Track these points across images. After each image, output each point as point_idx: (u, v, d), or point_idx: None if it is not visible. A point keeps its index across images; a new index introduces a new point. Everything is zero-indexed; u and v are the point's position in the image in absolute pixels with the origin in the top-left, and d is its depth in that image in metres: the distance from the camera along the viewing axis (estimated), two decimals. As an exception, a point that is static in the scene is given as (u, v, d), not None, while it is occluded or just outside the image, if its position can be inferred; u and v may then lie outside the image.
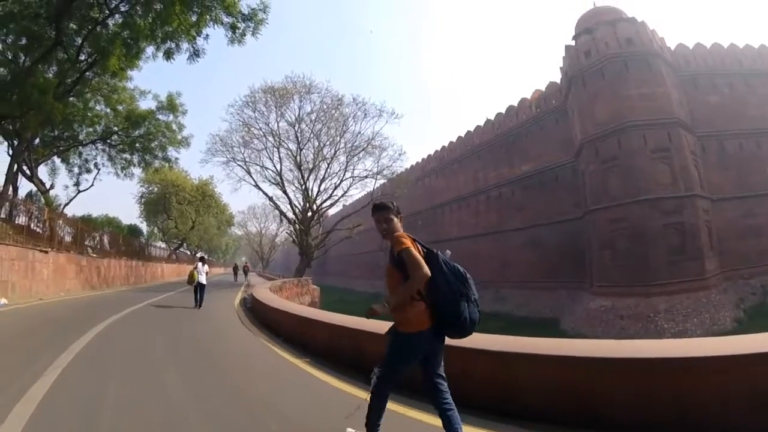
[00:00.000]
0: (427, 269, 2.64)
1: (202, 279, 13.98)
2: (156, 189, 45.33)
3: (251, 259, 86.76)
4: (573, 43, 34.33)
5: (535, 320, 32.00)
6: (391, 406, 3.13)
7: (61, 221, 20.74)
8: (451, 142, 53.51)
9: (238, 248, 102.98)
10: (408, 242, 2.73)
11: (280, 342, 7.78)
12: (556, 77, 39.15)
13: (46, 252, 16.44)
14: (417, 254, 2.69)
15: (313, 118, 33.14)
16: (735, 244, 29.54)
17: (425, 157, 58.25)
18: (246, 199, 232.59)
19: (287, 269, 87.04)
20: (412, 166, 39.78)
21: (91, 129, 26.79)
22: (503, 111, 45.27)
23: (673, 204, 27.65)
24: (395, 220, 2.94)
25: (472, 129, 50.03)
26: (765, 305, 27.64)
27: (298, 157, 33.45)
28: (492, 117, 47.03)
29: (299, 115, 33.06)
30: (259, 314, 11.54)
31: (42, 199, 25.10)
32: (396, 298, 2.73)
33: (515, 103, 43.92)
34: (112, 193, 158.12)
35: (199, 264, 14.36)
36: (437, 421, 2.84)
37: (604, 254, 29.31)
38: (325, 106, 32.93)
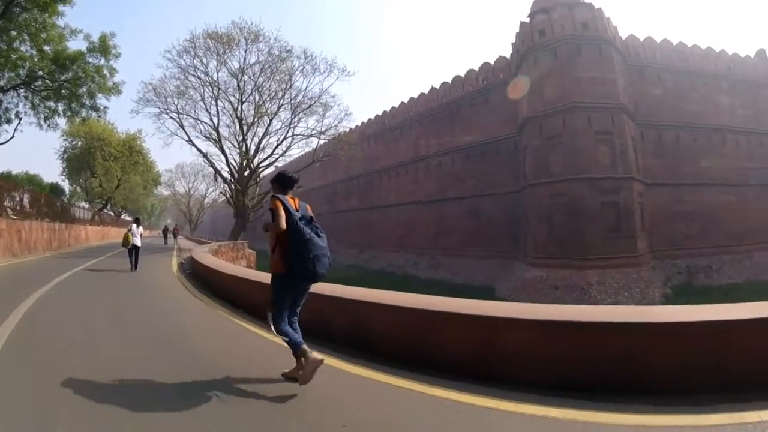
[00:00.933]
0: (283, 224, 3.63)
1: (137, 241, 14.05)
2: (80, 143, 42.24)
3: (178, 221, 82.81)
4: (528, 20, 34.80)
5: (472, 288, 32.63)
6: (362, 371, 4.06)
7: None
8: (393, 108, 53.00)
9: (164, 209, 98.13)
10: (277, 203, 3.70)
11: (242, 315, 6.97)
12: (506, 52, 39.69)
13: None
14: (281, 212, 3.66)
15: (257, 69, 31.60)
16: (664, 227, 31.61)
17: (365, 121, 57.07)
18: (174, 157, 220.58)
19: (215, 232, 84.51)
20: (350, 129, 38.75)
21: (13, 73, 23.85)
22: (449, 81, 45.06)
23: (610, 184, 29.05)
24: (278, 190, 3.97)
25: (415, 96, 49.57)
26: (691, 285, 29.85)
27: (238, 110, 32.00)
28: (438, 86, 46.80)
29: (243, 65, 31.37)
30: (207, 282, 10.62)
31: None
32: (266, 227, 3.79)
33: (461, 74, 44.12)
34: (32, 148, 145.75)
35: (134, 226, 14.47)
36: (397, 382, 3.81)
37: (542, 227, 30.49)
38: (271, 58, 31.32)
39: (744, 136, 35.85)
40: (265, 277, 7.86)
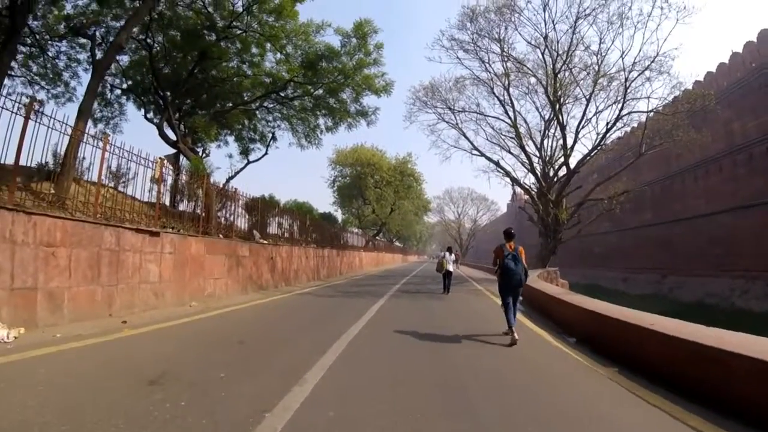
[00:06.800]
0: (495, 262, 7.48)
1: (450, 267, 15.06)
2: (349, 171, 40.60)
3: (443, 248, 79.84)
4: None
5: None
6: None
7: (226, 199, 14.86)
8: (685, 90, 39.10)
9: (432, 236, 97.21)
10: (496, 250, 7.38)
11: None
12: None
13: (156, 234, 9.50)
14: (496, 255, 7.35)
15: (571, 23, 22.87)
16: None
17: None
18: (440, 183, 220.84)
19: (478, 256, 79.95)
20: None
21: (260, 91, 20.76)
22: (754, 39, 33.29)
23: None
24: (504, 240, 7.48)
25: (713, 70, 37.64)
26: None
27: (550, 89, 23.78)
28: (738, 49, 35.04)
29: (548, 22, 22.89)
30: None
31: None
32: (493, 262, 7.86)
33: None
34: (288, 176, 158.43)
35: (446, 253, 15.58)
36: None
37: None
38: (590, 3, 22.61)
39: None
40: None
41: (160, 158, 10.04)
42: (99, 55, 15.56)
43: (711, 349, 4.13)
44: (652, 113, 23.25)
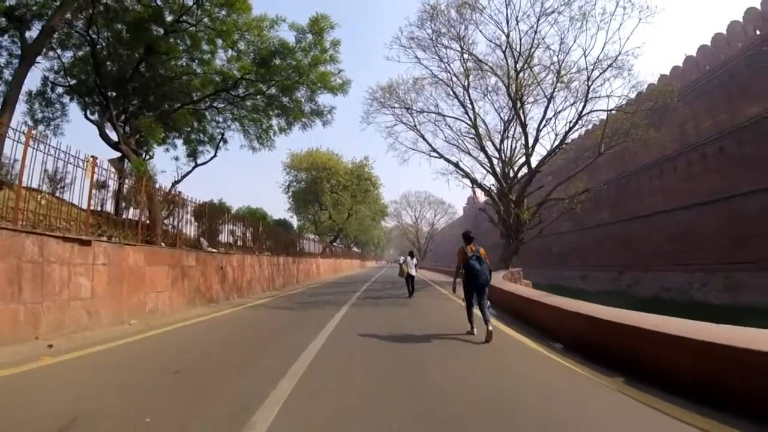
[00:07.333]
0: (460, 264, 7.73)
1: (412, 271, 15.81)
2: (304, 176, 39.43)
3: (402, 252, 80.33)
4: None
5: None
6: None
7: (173, 205, 14.04)
8: (640, 93, 40.62)
9: (389, 240, 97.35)
10: (459, 251, 7.68)
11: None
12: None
13: (87, 243, 8.26)
14: (459, 259, 7.69)
15: (532, 23, 22.95)
16: None
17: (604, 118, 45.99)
18: (398, 186, 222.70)
19: (437, 260, 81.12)
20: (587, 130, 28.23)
21: (210, 90, 19.51)
22: (707, 44, 34.51)
23: None
24: (464, 243, 7.80)
25: (667, 72, 38.31)
26: None
27: (512, 86, 23.53)
28: (692, 53, 36.18)
29: (511, 20, 22.79)
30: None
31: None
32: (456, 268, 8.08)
33: (721, 31, 33.40)
34: (240, 181, 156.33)
35: (408, 258, 16.29)
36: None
37: None
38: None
39: None
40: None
41: (92, 157, 9.04)
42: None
43: (725, 347, 3.73)
44: (613, 111, 23.79)
